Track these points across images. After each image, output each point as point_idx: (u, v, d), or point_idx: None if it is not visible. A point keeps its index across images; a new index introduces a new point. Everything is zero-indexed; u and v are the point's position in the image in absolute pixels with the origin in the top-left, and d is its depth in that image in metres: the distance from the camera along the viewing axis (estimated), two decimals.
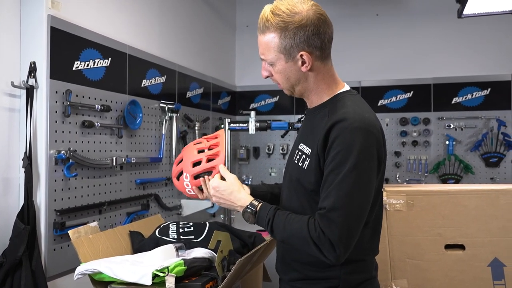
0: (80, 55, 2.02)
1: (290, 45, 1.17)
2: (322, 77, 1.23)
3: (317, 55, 1.19)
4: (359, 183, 1.10)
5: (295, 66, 1.20)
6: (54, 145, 1.86)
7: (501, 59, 3.42)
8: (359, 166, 1.09)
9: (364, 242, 1.21)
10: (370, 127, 1.13)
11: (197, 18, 3.28)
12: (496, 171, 3.38)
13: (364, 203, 1.12)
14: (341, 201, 1.08)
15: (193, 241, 1.70)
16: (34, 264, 1.74)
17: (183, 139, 2.91)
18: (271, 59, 1.22)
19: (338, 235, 1.08)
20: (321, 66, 1.22)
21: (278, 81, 1.27)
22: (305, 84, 1.24)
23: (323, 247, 1.10)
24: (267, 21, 1.18)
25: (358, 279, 1.23)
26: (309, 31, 1.15)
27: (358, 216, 1.11)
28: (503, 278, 1.90)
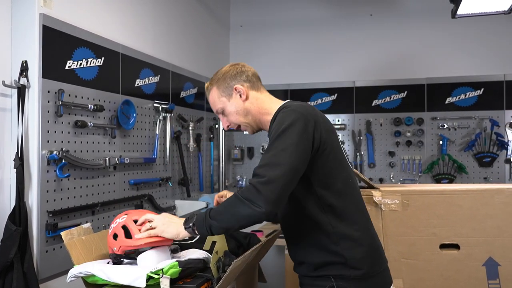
0: (73, 54, 1.99)
1: (225, 86, 1.49)
2: (262, 100, 1.49)
3: (248, 86, 1.48)
4: (288, 146, 1.27)
5: (236, 100, 1.48)
6: (46, 145, 1.84)
7: (494, 59, 3.44)
8: (289, 133, 1.28)
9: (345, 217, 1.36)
10: (298, 109, 1.35)
11: (191, 17, 3.26)
12: (490, 171, 3.40)
13: (294, 163, 1.26)
14: (271, 159, 1.27)
15: (188, 242, 1.68)
16: (26, 266, 1.72)
17: (177, 139, 2.89)
18: (220, 106, 1.50)
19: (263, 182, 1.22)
20: (256, 93, 1.49)
21: (234, 121, 1.51)
22: (252, 111, 1.48)
23: (253, 196, 1.23)
24: (207, 87, 1.54)
25: (360, 252, 1.35)
26: (233, 72, 1.50)
27: (287, 170, 1.24)
28: (497, 278, 1.91)
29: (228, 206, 1.29)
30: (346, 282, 1.34)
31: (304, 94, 3.76)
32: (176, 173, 2.92)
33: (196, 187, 3.21)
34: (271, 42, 3.90)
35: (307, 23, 3.82)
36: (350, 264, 1.34)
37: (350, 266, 1.34)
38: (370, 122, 3.66)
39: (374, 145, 3.66)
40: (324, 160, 1.35)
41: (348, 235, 1.35)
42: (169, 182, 2.78)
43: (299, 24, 3.83)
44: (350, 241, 1.35)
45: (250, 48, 3.99)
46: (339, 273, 1.35)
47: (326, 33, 3.79)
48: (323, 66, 3.82)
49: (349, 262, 1.34)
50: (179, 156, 2.93)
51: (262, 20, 3.94)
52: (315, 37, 3.80)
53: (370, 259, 1.37)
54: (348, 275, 1.34)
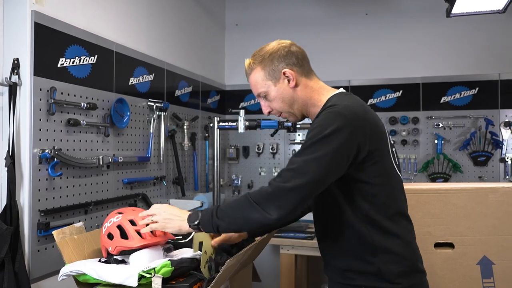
0: (65, 52, 1.97)
1: (272, 69, 1.34)
2: (311, 89, 1.36)
3: (298, 71, 1.35)
4: (320, 154, 1.16)
5: (283, 86, 1.34)
6: (38, 143, 1.82)
7: (489, 59, 3.45)
8: (325, 141, 1.17)
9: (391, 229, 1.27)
10: (344, 111, 1.21)
11: (186, 16, 3.25)
12: (484, 169, 3.40)
13: (319, 174, 1.17)
14: (296, 165, 1.18)
15: (181, 241, 1.67)
16: (17, 266, 1.70)
17: (172, 138, 2.88)
18: (264, 90, 1.37)
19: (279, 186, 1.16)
20: (306, 80, 1.37)
21: (277, 108, 1.39)
22: (299, 100, 1.36)
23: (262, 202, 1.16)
24: (249, 64, 1.39)
25: (400, 268, 1.26)
26: (282, 53, 1.35)
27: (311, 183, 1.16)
28: (492, 276, 1.90)
29: (237, 208, 1.22)
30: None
31: None
32: (171, 172, 2.91)
33: (191, 186, 3.19)
34: (266, 41, 3.83)
35: (303, 22, 3.81)
36: (385, 277, 1.25)
37: (385, 279, 1.25)
38: None
39: None
40: (369, 171, 1.25)
41: (388, 249, 1.26)
42: (163, 181, 2.76)
43: (294, 23, 3.82)
44: (391, 255, 1.26)
45: (245, 47, 3.97)
46: (372, 285, 1.26)
47: (321, 32, 3.78)
48: (318, 65, 3.75)
49: (384, 275, 1.25)
50: (174, 155, 2.91)
51: (258, 19, 3.93)
52: (310, 36, 3.79)
53: (408, 273, 1.28)
54: (383, 287, 1.25)
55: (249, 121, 2.78)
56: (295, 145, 3.76)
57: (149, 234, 1.45)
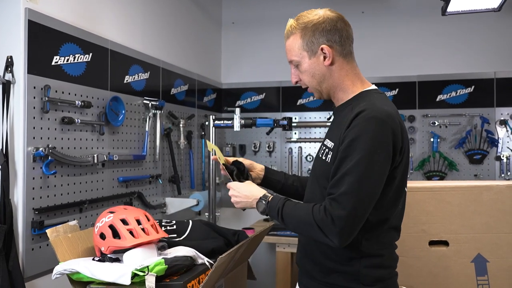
0: (60, 49, 1.97)
1: (311, 41, 1.28)
2: (345, 73, 1.31)
3: (337, 50, 1.28)
4: (370, 171, 1.14)
5: (318, 62, 1.29)
6: (32, 142, 1.81)
7: (484, 57, 3.45)
8: (371, 154, 1.14)
9: (384, 237, 1.28)
10: (385, 118, 1.18)
11: (182, 13, 3.24)
12: (480, 168, 3.41)
13: (374, 192, 1.16)
14: (352, 187, 1.13)
15: (175, 240, 1.67)
16: (11, 264, 1.69)
17: (168, 136, 2.87)
18: (296, 58, 1.32)
19: (344, 217, 1.13)
20: (343, 62, 1.30)
21: (305, 82, 1.35)
22: (330, 80, 1.30)
23: (326, 229, 1.15)
24: (291, 27, 1.33)
25: (378, 274, 1.27)
26: (327, 26, 1.27)
27: (365, 203, 1.15)
28: (486, 274, 1.91)
29: (302, 224, 1.22)
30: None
31: (296, 92, 3.75)
32: (167, 170, 2.91)
33: (187, 184, 3.19)
34: (263, 39, 3.89)
35: None
36: (363, 281, 1.26)
37: (362, 282, 1.26)
38: None
39: None
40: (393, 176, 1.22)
41: (373, 254, 1.26)
42: (159, 179, 2.76)
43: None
44: (373, 260, 1.27)
45: (242, 45, 3.97)
46: (347, 285, 1.27)
47: None
48: None
49: (362, 279, 1.26)
50: (170, 153, 2.91)
51: (255, 17, 3.93)
52: None
53: (384, 280, 1.30)
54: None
55: (245, 119, 2.78)
56: (291, 144, 3.76)
57: (141, 232, 1.45)
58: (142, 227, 1.47)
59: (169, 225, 1.76)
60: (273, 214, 1.28)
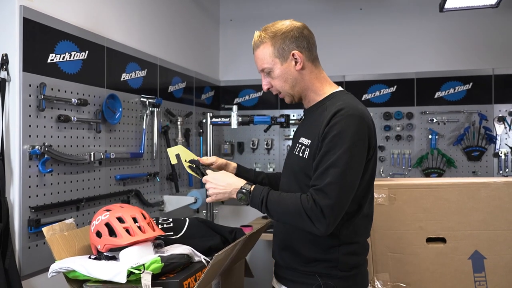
0: (55, 47, 1.96)
1: (282, 48, 1.36)
2: (315, 76, 1.40)
3: (306, 55, 1.37)
4: (352, 162, 1.24)
5: (289, 67, 1.37)
6: (28, 140, 1.80)
7: (482, 54, 3.45)
8: (352, 148, 1.24)
9: (358, 225, 1.36)
10: (362, 115, 1.29)
11: (180, 10, 3.23)
12: (478, 164, 3.41)
13: (355, 181, 1.27)
14: (336, 178, 1.22)
15: (172, 237, 1.67)
16: (7, 263, 1.68)
17: (165, 134, 2.87)
18: (269, 66, 1.39)
19: (331, 206, 1.21)
20: (312, 66, 1.39)
21: (277, 87, 1.42)
22: (301, 84, 1.39)
23: (314, 217, 1.22)
24: (259, 37, 1.40)
25: (355, 261, 1.37)
26: (295, 34, 1.36)
27: (349, 191, 1.25)
28: (483, 271, 1.91)
29: (288, 212, 1.28)
30: (332, 280, 1.34)
31: None
32: (165, 168, 2.90)
33: (185, 182, 3.18)
34: None
35: (297, 17, 3.75)
36: (341, 267, 1.34)
37: (340, 269, 1.34)
38: None
39: None
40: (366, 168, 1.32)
41: (351, 242, 1.35)
42: (157, 177, 2.76)
43: (288, 18, 3.77)
44: (351, 248, 1.35)
45: (240, 42, 3.96)
46: (327, 272, 1.34)
47: (315, 27, 3.72)
48: None
49: (340, 265, 1.34)
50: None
51: (252, 14, 3.91)
52: None
53: (360, 267, 1.39)
54: (335, 274, 1.34)
55: (242, 116, 2.78)
56: (289, 141, 3.75)
57: (138, 230, 1.44)
58: (138, 225, 1.47)
59: (166, 223, 1.75)
60: (255, 202, 1.33)
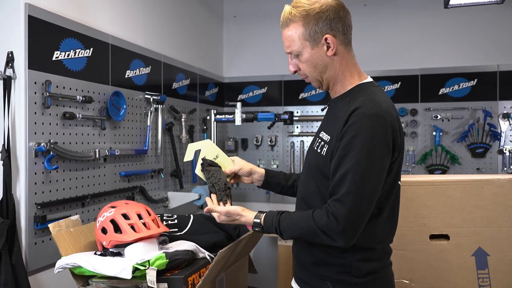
0: (60, 45, 1.97)
1: (314, 30, 1.22)
2: (346, 63, 1.27)
3: (340, 39, 1.24)
4: (373, 168, 1.13)
5: (320, 52, 1.24)
6: (33, 137, 1.82)
7: (487, 50, 3.43)
8: (372, 151, 1.13)
9: (377, 230, 1.25)
10: (385, 114, 1.16)
11: (183, 7, 3.23)
12: (482, 161, 3.40)
13: (376, 188, 1.16)
14: (354, 186, 1.12)
15: (177, 234, 1.68)
16: (14, 258, 1.71)
17: (169, 130, 2.88)
18: (297, 49, 1.26)
19: (348, 217, 1.12)
20: (345, 51, 1.27)
21: (305, 72, 1.30)
22: (331, 71, 1.27)
23: (332, 232, 1.14)
24: (289, 14, 1.26)
25: (370, 267, 1.25)
26: (330, 15, 1.22)
27: (369, 200, 1.15)
28: (486, 268, 1.91)
29: (302, 231, 1.21)
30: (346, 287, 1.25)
31: (298, 85, 3.75)
32: (169, 165, 2.91)
33: (189, 178, 3.20)
34: (265, 32, 3.87)
35: None
36: (355, 273, 1.24)
37: (353, 275, 1.24)
38: None
39: None
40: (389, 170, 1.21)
41: (366, 247, 1.24)
42: (161, 173, 2.77)
43: None
44: (366, 253, 1.25)
45: (244, 38, 3.96)
46: (339, 278, 1.25)
47: None
48: None
49: (354, 272, 1.24)
50: (172, 147, 2.91)
51: (256, 10, 3.91)
52: None
53: (376, 272, 1.27)
54: (349, 281, 1.25)
55: (246, 113, 2.78)
56: (293, 137, 3.76)
57: (143, 227, 1.46)
58: (143, 221, 1.48)
59: (170, 219, 1.77)
60: (270, 232, 1.28)
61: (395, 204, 1.31)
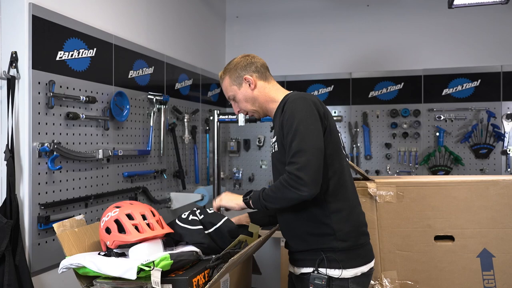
0: (64, 45, 1.97)
1: (236, 76, 1.65)
2: (269, 90, 1.65)
3: (257, 76, 1.64)
4: (308, 130, 1.43)
5: (246, 89, 1.64)
6: (37, 137, 1.82)
7: (491, 50, 3.42)
8: (303, 120, 1.44)
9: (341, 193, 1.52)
10: (305, 95, 1.52)
11: (186, 8, 3.22)
12: (486, 162, 3.39)
13: (317, 143, 1.43)
14: (298, 146, 1.41)
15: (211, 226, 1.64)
16: (17, 259, 1.70)
17: (172, 131, 2.87)
18: (232, 93, 1.68)
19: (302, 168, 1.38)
20: (264, 83, 1.65)
21: (243, 108, 1.68)
22: (259, 99, 1.64)
23: (294, 184, 1.39)
24: (221, 75, 1.71)
25: (349, 227, 1.50)
26: (243, 63, 1.65)
27: (315, 153, 1.41)
28: (492, 269, 1.90)
29: (277, 192, 1.45)
30: (334, 254, 1.48)
31: (301, 86, 3.74)
32: (171, 165, 2.91)
33: (191, 179, 3.19)
34: (267, 33, 3.87)
35: (304, 14, 3.78)
36: (338, 237, 1.49)
37: (338, 239, 1.49)
38: (366, 113, 3.65)
39: (371, 137, 3.65)
40: (327, 141, 1.49)
41: (339, 209, 1.51)
42: (164, 174, 2.77)
43: (295, 15, 3.79)
44: (340, 215, 1.50)
45: (246, 39, 3.96)
46: (328, 246, 1.49)
47: (322, 24, 3.75)
48: (320, 58, 3.79)
49: (337, 234, 1.48)
50: (174, 148, 2.91)
51: (259, 11, 3.91)
52: (311, 28, 3.77)
53: (355, 233, 1.52)
54: (336, 246, 1.48)
55: None
56: None
57: (147, 227, 1.45)
58: (147, 222, 1.48)
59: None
60: (256, 203, 1.54)
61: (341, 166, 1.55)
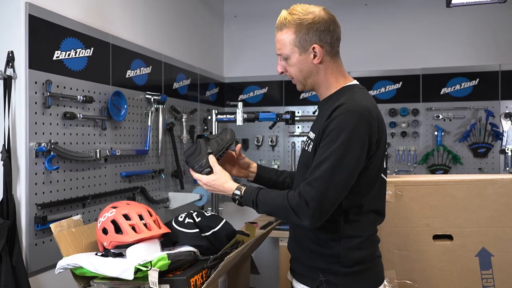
0: (61, 44, 1.96)
1: (304, 39, 1.33)
2: (331, 71, 1.38)
3: (327, 50, 1.35)
4: (344, 159, 1.22)
5: (307, 59, 1.35)
6: (34, 137, 1.81)
7: (489, 49, 3.42)
8: (347, 144, 1.22)
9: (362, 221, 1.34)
10: (363, 111, 1.25)
11: (184, 7, 3.22)
12: (484, 161, 3.39)
13: (347, 179, 1.24)
14: (325, 173, 1.22)
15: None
16: (14, 259, 1.69)
17: (170, 131, 2.87)
18: (287, 53, 1.36)
19: (315, 198, 1.21)
20: (330, 61, 1.37)
21: (292, 74, 1.41)
22: (316, 77, 1.38)
23: (299, 211, 1.23)
24: (285, 19, 1.35)
25: (358, 255, 1.33)
26: (321, 27, 1.32)
27: (337, 188, 1.23)
28: (490, 268, 1.90)
29: (275, 206, 1.30)
30: (336, 277, 1.33)
31: None
32: (170, 165, 2.90)
33: (190, 179, 3.18)
34: (265, 32, 3.84)
35: None
36: (343, 262, 1.32)
37: (342, 264, 1.33)
38: None
39: None
40: (368, 165, 1.29)
41: (351, 236, 1.33)
42: (162, 174, 2.76)
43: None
44: (351, 243, 1.33)
45: (244, 38, 3.95)
46: (330, 268, 1.34)
47: None
48: None
49: (342, 260, 1.32)
50: (172, 148, 2.90)
51: (257, 10, 3.90)
52: None
53: (364, 260, 1.35)
54: (338, 270, 1.33)
55: (247, 113, 2.77)
56: (294, 138, 3.75)
57: (144, 228, 1.44)
58: (144, 222, 1.47)
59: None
60: (247, 204, 1.38)
61: (379, 196, 1.40)
